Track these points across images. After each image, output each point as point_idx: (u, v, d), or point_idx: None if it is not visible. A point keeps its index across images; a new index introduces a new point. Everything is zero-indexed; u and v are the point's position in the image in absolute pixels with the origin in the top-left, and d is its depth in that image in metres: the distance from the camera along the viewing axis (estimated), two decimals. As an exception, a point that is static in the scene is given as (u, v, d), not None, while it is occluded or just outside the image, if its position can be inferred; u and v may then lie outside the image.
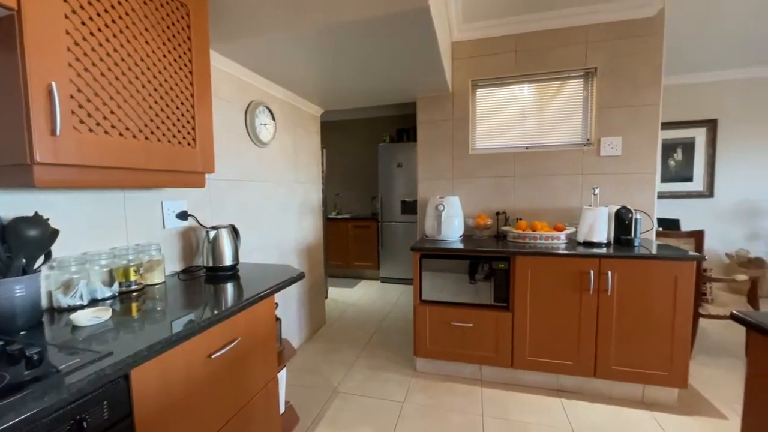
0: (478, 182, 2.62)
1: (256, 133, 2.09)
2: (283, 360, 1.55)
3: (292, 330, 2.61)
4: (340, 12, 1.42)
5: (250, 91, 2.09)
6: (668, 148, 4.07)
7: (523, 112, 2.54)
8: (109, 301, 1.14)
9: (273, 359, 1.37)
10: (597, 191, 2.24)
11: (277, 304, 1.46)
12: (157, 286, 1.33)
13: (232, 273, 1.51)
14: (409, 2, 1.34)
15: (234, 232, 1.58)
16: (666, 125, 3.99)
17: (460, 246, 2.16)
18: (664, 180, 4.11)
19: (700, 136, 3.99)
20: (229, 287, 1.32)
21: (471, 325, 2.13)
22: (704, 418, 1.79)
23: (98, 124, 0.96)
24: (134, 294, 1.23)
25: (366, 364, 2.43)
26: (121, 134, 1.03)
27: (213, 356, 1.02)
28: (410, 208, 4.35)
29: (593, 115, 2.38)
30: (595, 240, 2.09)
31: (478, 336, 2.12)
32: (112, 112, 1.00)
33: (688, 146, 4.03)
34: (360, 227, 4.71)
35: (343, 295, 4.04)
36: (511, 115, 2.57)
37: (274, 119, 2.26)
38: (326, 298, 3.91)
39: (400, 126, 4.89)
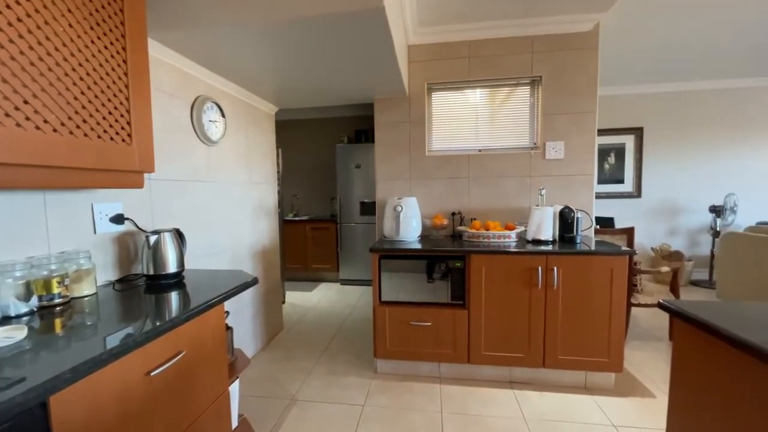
0: (435, 183, 2.68)
1: (204, 130, 1.96)
2: (236, 371, 1.46)
3: (247, 338, 2.48)
4: (290, 7, 1.37)
5: (196, 86, 1.96)
6: (603, 153, 4.46)
7: (476, 115, 2.64)
8: (25, 318, 1.00)
9: (223, 371, 1.28)
10: (543, 192, 2.39)
11: (227, 312, 1.37)
12: (86, 299, 1.19)
13: (176, 281, 1.40)
14: (363, 2, 1.33)
15: (179, 236, 1.47)
16: (601, 132, 4.37)
17: (418, 246, 2.19)
18: (600, 182, 4.49)
19: (629, 142, 4.42)
20: (173, 296, 1.21)
21: (429, 323, 2.16)
22: (637, 398, 1.98)
23: (7, 114, 0.84)
24: (58, 308, 1.09)
25: (325, 369, 2.37)
26: (37, 127, 0.90)
27: (153, 373, 0.93)
28: (369, 209, 4.34)
29: (539, 121, 2.53)
30: (542, 238, 2.22)
31: (436, 334, 2.16)
32: (25, 102, 0.88)
33: (620, 151, 4.45)
34: (318, 229, 4.62)
35: (302, 299, 3.93)
36: (465, 119, 2.66)
37: (224, 116, 2.14)
38: (284, 302, 3.78)
39: (359, 126, 4.87)
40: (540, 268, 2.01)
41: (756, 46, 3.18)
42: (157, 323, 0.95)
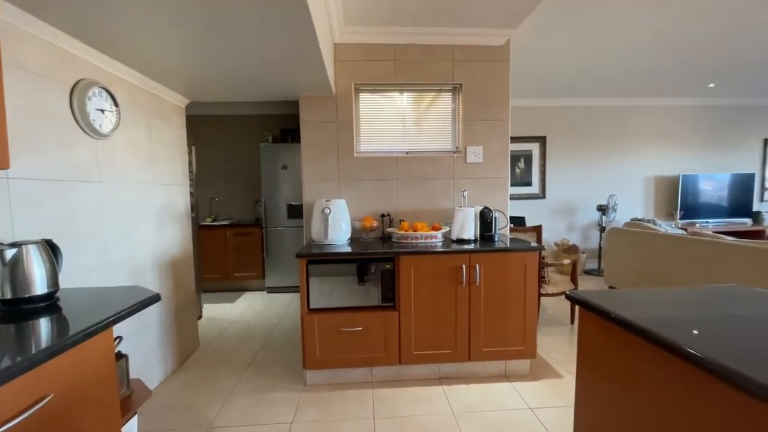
0: (364, 185, 2.66)
1: (89, 120, 1.64)
2: (133, 406, 1.23)
3: (153, 363, 2.15)
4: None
5: (79, 67, 1.63)
6: (515, 158, 4.92)
7: (403, 118, 2.68)
8: None
9: (113, 410, 1.06)
10: (465, 194, 2.52)
11: (119, 338, 1.15)
12: None
13: (46, 304, 1.13)
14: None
15: (50, 248, 1.19)
16: (513, 139, 4.82)
17: (348, 249, 2.13)
18: (513, 185, 4.94)
19: (535, 149, 4.95)
20: (40, 325, 0.97)
21: (360, 328, 2.12)
22: (548, 380, 2.18)
23: None
24: None
25: (249, 387, 2.18)
26: None
27: (2, 429, 0.72)
28: (297, 212, 4.15)
29: (460, 126, 2.67)
30: (465, 237, 2.33)
31: (367, 338, 2.13)
32: None
33: (528, 157, 4.96)
34: (242, 234, 4.27)
35: (223, 312, 3.59)
36: (392, 121, 2.68)
37: (116, 105, 1.83)
38: (200, 317, 3.40)
39: (285, 125, 4.64)
40: (464, 266, 2.11)
41: (632, 72, 3.80)
42: (8, 363, 0.73)
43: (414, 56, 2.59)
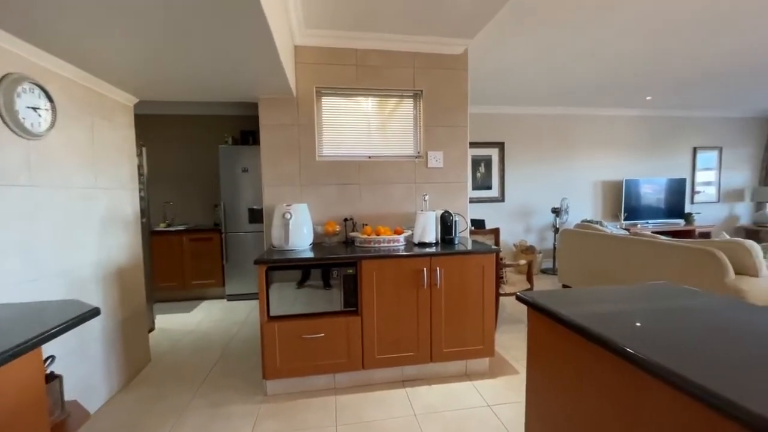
0: (326, 189, 2.63)
1: (17, 118, 1.50)
2: (67, 431, 1.13)
3: (95, 382, 1.99)
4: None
5: (7, 61, 1.49)
6: (476, 163, 5.10)
7: (365, 123, 2.69)
8: None
9: (43, 437, 0.97)
10: (427, 198, 2.57)
11: (51, 357, 1.05)
12: None
13: (-38, 324, 1.01)
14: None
15: (-32, 262, 1.07)
16: (473, 144, 4.99)
17: (310, 254, 2.10)
18: (473, 188, 5.12)
19: (495, 154, 5.15)
20: (-48, 347, 0.87)
21: (323, 334, 2.09)
22: (506, 377, 2.27)
23: None
24: None
25: (206, 401, 2.07)
26: None
27: None
28: (259, 216, 4.03)
29: (421, 132, 2.72)
30: (427, 240, 2.38)
31: (330, 344, 2.10)
32: None
33: (488, 162, 5.15)
34: (199, 240, 4.07)
35: (179, 323, 3.39)
36: (355, 125, 2.68)
37: (52, 102, 1.68)
38: (152, 330, 3.19)
39: (245, 127, 4.50)
40: (425, 269, 2.15)
41: (579, 84, 4.07)
42: None
43: (376, 62, 2.61)
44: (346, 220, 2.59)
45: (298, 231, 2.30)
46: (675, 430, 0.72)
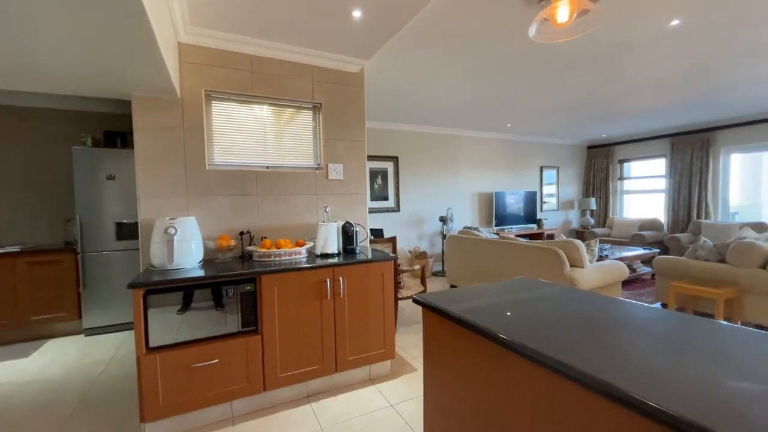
0: (219, 200, 2.43)
1: None
2: None
3: None
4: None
5: None
6: (374, 175, 5.36)
7: (263, 132, 2.60)
8: None
9: None
10: (328, 209, 2.61)
11: None
12: None
13: None
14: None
15: None
16: (372, 157, 5.26)
17: (200, 273, 1.91)
18: (372, 199, 5.37)
19: (390, 167, 5.51)
20: None
21: (217, 360, 1.91)
22: (406, 375, 2.44)
23: None
24: None
25: (55, 465, 1.66)
26: None
27: None
28: (132, 232, 3.44)
29: (321, 144, 2.76)
30: (329, 251, 2.41)
31: (226, 370, 1.93)
32: None
33: (385, 174, 5.48)
34: (43, 263, 3.25)
35: (10, 373, 2.63)
36: (252, 134, 2.56)
37: None
38: (-36, 387, 2.40)
39: (111, 127, 3.81)
40: (328, 279, 2.17)
41: (456, 108, 4.69)
42: None
43: (272, 70, 2.55)
44: (242, 233, 2.43)
45: (185, 248, 2.07)
46: (533, 394, 0.91)
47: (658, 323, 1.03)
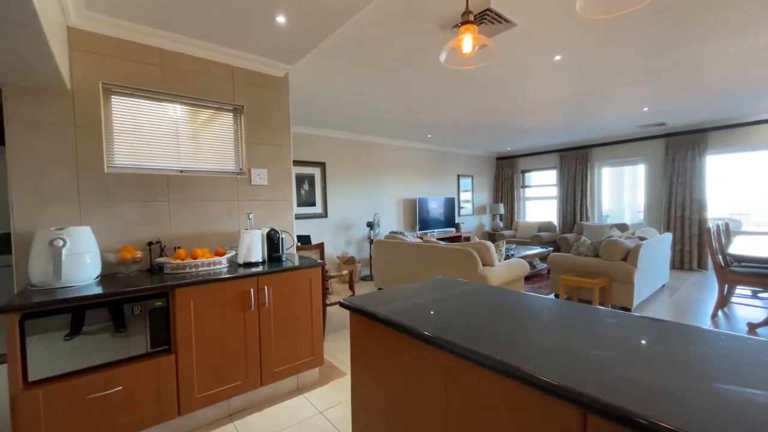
0: (122, 207, 2.16)
1: None
2: None
3: None
4: None
5: None
6: (300, 180, 5.26)
7: (176, 133, 2.38)
8: None
9: None
10: (251, 216, 2.50)
11: None
12: None
13: None
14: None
15: None
16: (298, 163, 5.15)
17: (97, 290, 1.68)
18: (299, 205, 5.25)
19: (317, 173, 5.46)
20: None
21: (120, 387, 1.69)
22: (334, 381, 2.45)
23: None
24: None
25: None
26: None
27: None
28: (2, 245, 2.83)
29: (243, 148, 2.64)
30: (253, 260, 2.31)
31: (131, 398, 1.72)
32: None
33: (311, 180, 5.41)
34: None
35: None
36: (163, 135, 2.33)
37: None
38: None
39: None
40: (252, 289, 2.08)
41: (384, 119, 4.88)
42: None
43: (186, 66, 2.37)
44: (150, 243, 2.19)
45: (77, 262, 1.79)
46: (446, 377, 1.02)
47: (548, 310, 1.24)
